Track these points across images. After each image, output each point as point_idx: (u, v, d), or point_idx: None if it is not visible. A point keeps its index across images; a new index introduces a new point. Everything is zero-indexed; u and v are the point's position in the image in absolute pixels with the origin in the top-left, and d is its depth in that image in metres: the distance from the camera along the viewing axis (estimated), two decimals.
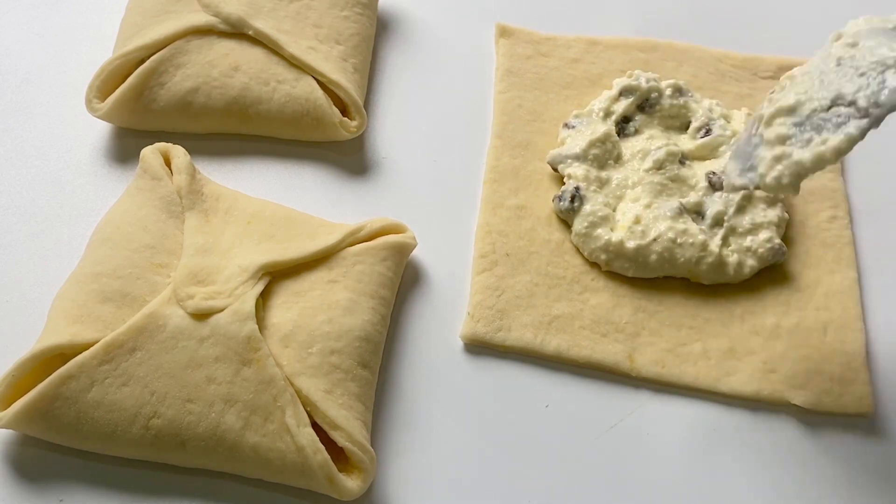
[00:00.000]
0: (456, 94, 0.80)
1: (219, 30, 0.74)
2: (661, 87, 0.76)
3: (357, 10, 0.79)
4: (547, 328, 0.66)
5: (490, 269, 0.69)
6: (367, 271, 0.64)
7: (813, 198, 0.74)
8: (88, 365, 0.57)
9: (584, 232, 0.69)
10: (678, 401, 0.65)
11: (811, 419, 0.64)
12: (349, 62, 0.76)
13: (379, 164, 0.75)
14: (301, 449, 0.56)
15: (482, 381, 0.65)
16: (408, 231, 0.68)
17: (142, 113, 0.73)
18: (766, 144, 0.56)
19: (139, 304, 0.61)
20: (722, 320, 0.68)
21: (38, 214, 0.71)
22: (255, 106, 0.73)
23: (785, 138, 0.55)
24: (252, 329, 0.59)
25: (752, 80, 0.81)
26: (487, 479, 0.61)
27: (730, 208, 0.70)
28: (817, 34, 0.86)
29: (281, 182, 0.74)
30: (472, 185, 0.74)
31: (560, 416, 0.63)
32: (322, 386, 0.59)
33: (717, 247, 0.68)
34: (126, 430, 0.57)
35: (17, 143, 0.75)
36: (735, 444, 0.63)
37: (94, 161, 0.74)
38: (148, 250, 0.63)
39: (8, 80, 0.79)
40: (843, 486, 0.61)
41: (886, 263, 0.72)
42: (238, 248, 0.64)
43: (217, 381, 0.58)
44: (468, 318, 0.66)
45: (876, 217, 0.75)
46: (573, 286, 0.68)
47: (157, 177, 0.67)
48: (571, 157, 0.72)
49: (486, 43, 0.83)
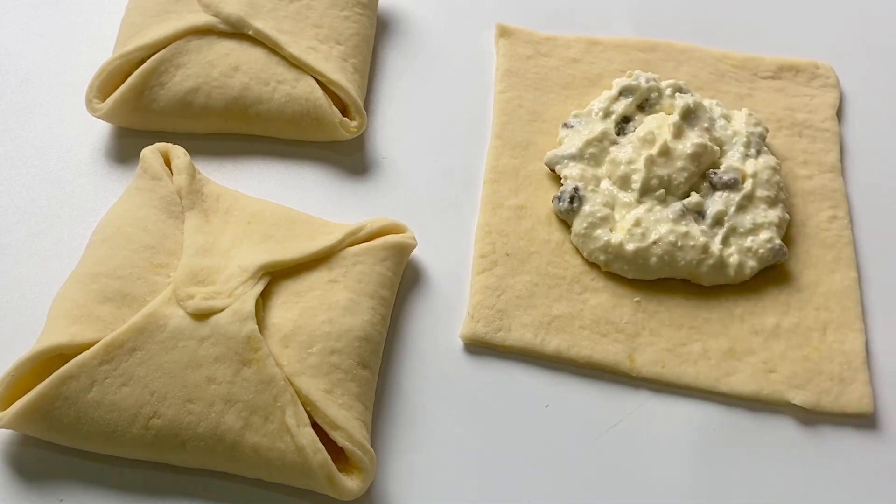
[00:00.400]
0: (456, 94, 0.80)
1: (219, 30, 0.74)
2: (661, 87, 0.76)
3: (357, 10, 0.79)
4: (547, 328, 0.66)
5: (490, 269, 0.69)
6: (367, 271, 0.64)
7: (813, 198, 0.74)
8: (88, 365, 0.57)
9: (584, 232, 0.69)
10: (678, 401, 0.65)
11: (811, 419, 0.64)
12: (349, 62, 0.76)
13: (379, 164, 0.75)
14: (301, 449, 0.56)
15: (482, 381, 0.65)
16: (408, 231, 0.68)
17: (142, 113, 0.73)
18: None
19: (139, 304, 0.61)
20: (722, 320, 0.68)
21: (38, 214, 0.71)
22: (255, 106, 0.73)
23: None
24: (252, 329, 0.59)
25: (752, 80, 0.81)
26: (487, 479, 0.61)
27: (730, 208, 0.70)
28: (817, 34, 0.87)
29: (281, 182, 0.74)
30: (472, 185, 0.74)
31: (560, 416, 0.63)
32: (322, 386, 0.59)
33: (718, 249, 0.68)
34: (126, 430, 0.57)
35: (17, 143, 0.75)
36: (735, 444, 0.63)
37: (94, 161, 0.74)
38: (148, 250, 0.63)
39: (8, 80, 0.79)
40: (843, 485, 0.62)
41: (886, 263, 0.72)
42: (238, 248, 0.64)
43: (217, 381, 0.58)
44: (468, 318, 0.66)
45: (876, 217, 0.75)
46: (573, 286, 0.68)
47: (157, 177, 0.67)
48: (567, 158, 0.72)
49: (486, 43, 0.83)
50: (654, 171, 0.70)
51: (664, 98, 0.75)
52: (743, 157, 0.72)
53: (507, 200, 0.72)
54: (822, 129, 0.79)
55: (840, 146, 0.78)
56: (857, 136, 0.80)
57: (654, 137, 0.72)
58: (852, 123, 0.81)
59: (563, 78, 0.80)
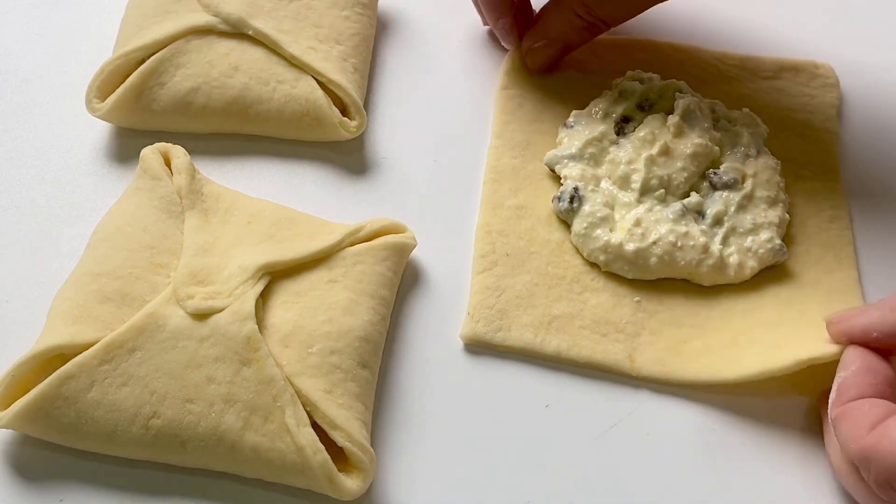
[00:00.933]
0: (456, 94, 0.80)
1: (219, 30, 0.74)
2: (662, 87, 0.76)
3: (357, 10, 0.79)
4: (547, 328, 0.66)
5: (490, 269, 0.69)
6: (367, 271, 0.64)
7: (813, 198, 0.74)
8: (88, 365, 0.57)
9: (584, 233, 0.69)
10: (678, 400, 0.65)
11: (811, 419, 0.64)
12: (349, 62, 0.76)
13: (379, 164, 0.75)
14: (301, 449, 0.56)
15: (482, 381, 0.65)
16: (408, 231, 0.68)
17: (142, 113, 0.73)
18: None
19: (139, 304, 0.61)
20: (723, 317, 0.67)
21: (38, 214, 0.71)
22: (255, 106, 0.73)
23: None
24: (252, 329, 0.59)
25: (753, 80, 0.81)
26: (487, 479, 0.61)
27: (730, 208, 0.70)
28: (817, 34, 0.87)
29: (281, 182, 0.74)
30: (472, 185, 0.74)
31: (560, 416, 0.63)
32: (322, 386, 0.59)
33: (718, 249, 0.68)
34: (126, 430, 0.57)
35: (17, 143, 0.75)
36: (735, 444, 0.63)
37: (94, 161, 0.74)
38: (148, 250, 0.63)
39: (8, 80, 0.79)
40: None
41: (886, 263, 0.72)
42: (238, 247, 0.64)
43: (217, 381, 0.58)
44: (468, 318, 0.66)
45: (876, 217, 0.75)
46: (573, 286, 0.68)
47: (157, 177, 0.67)
48: (567, 158, 0.72)
49: (486, 43, 0.83)
50: (654, 171, 0.70)
51: (664, 98, 0.75)
52: (743, 157, 0.72)
53: (507, 200, 0.72)
54: (822, 129, 0.79)
55: (840, 146, 0.78)
56: (857, 136, 0.80)
57: (654, 137, 0.72)
58: (852, 123, 0.81)
59: (565, 78, 0.80)
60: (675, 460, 0.62)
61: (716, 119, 0.75)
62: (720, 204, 0.70)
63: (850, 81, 0.83)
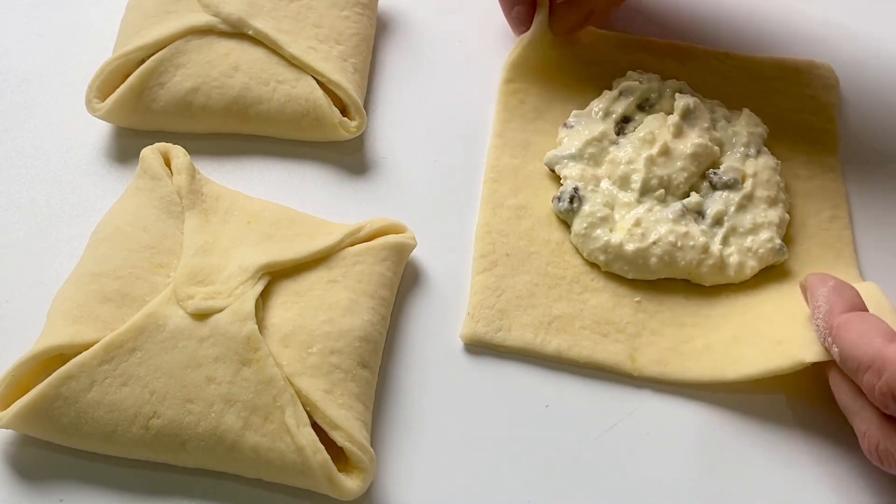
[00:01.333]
0: (456, 94, 0.80)
1: (219, 30, 0.74)
2: (661, 87, 0.76)
3: (357, 10, 0.79)
4: (547, 328, 0.66)
5: (490, 269, 0.69)
6: (367, 271, 0.64)
7: (813, 198, 0.74)
8: (88, 365, 0.57)
9: (584, 232, 0.69)
10: (679, 400, 0.64)
11: (812, 419, 0.64)
12: (349, 62, 0.76)
13: (379, 164, 0.75)
14: (301, 449, 0.56)
15: (482, 381, 0.65)
16: (407, 231, 0.68)
17: (142, 113, 0.73)
18: None
19: (139, 304, 0.61)
20: (724, 315, 0.67)
21: (38, 214, 0.71)
22: (255, 106, 0.73)
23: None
24: (252, 329, 0.59)
25: (753, 80, 0.81)
26: (487, 479, 0.61)
27: (730, 208, 0.70)
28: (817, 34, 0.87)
29: (281, 182, 0.74)
30: (472, 185, 0.74)
31: (560, 416, 0.63)
32: (322, 386, 0.59)
33: (718, 249, 0.68)
34: (126, 430, 0.57)
35: (17, 143, 0.75)
36: (736, 444, 0.63)
37: (94, 161, 0.74)
38: (148, 250, 0.63)
39: (8, 80, 0.79)
40: (844, 485, 0.61)
41: (886, 263, 0.72)
42: (238, 247, 0.64)
43: (217, 381, 0.58)
44: (468, 318, 0.66)
45: (876, 217, 0.75)
46: (573, 286, 0.68)
47: (157, 177, 0.67)
48: (567, 158, 0.72)
49: (486, 43, 0.83)
50: (653, 171, 0.70)
51: (664, 98, 0.75)
52: (743, 157, 0.72)
53: (507, 200, 0.72)
54: (822, 129, 0.79)
55: (840, 146, 0.78)
56: (857, 136, 0.80)
57: (654, 137, 0.72)
58: (852, 123, 0.81)
59: (567, 74, 0.80)
60: (676, 460, 0.62)
61: (715, 119, 0.75)
62: (720, 204, 0.70)
63: (850, 81, 0.83)
